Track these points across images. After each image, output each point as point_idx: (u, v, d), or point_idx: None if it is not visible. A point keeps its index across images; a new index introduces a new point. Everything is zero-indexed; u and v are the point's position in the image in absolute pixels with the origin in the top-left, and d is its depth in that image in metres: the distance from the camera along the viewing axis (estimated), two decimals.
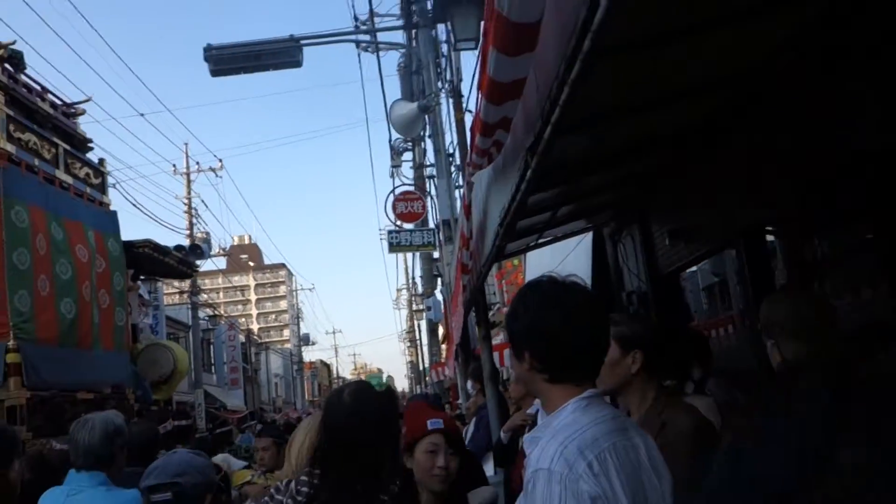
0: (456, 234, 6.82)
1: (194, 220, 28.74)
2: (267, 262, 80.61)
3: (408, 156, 21.56)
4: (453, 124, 10.59)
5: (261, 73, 10.38)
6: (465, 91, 10.04)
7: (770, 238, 4.63)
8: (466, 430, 7.47)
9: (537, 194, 3.63)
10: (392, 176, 21.64)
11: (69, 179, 7.64)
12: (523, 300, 1.61)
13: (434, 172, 11.61)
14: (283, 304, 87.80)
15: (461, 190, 11.04)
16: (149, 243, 8.96)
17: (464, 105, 10.01)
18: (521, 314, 1.58)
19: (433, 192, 11.52)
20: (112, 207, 8.63)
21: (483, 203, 3.84)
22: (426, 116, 10.95)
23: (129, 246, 8.72)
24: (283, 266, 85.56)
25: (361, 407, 2.11)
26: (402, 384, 66.36)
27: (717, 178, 4.48)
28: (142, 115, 20.75)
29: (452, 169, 11.10)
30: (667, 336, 2.72)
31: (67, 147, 7.75)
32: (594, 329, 1.59)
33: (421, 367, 42.77)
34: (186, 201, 29.23)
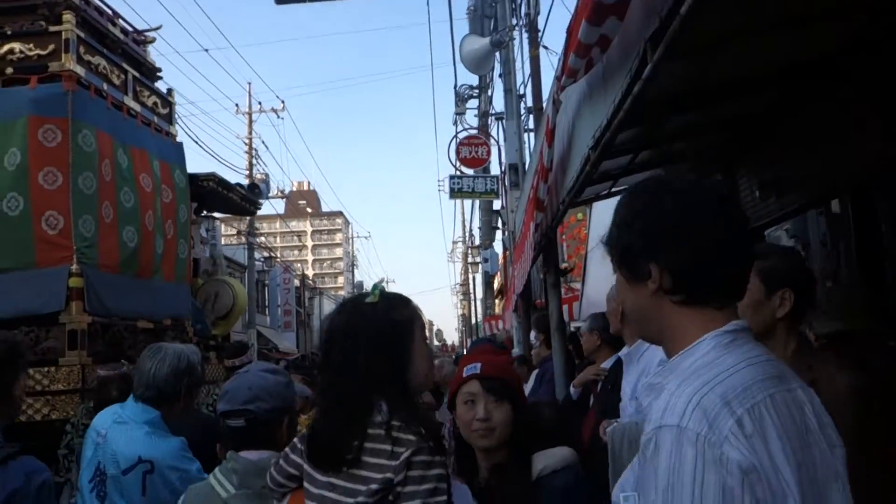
0: (528, 172, 6.51)
1: (254, 161, 29.02)
2: (325, 208, 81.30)
3: (472, 103, 21.22)
4: (526, 62, 10.16)
5: (327, 2, 10.06)
6: (540, 26, 9.44)
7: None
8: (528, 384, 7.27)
9: (624, 131, 3.31)
10: (455, 123, 21.30)
11: (137, 107, 7.53)
12: (644, 197, 1.22)
13: (501, 117, 11.20)
14: (339, 252, 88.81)
15: (530, 134, 10.64)
16: (213, 177, 8.87)
17: (539, 40, 9.58)
18: (646, 213, 1.19)
19: (500, 138, 11.13)
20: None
21: (570, 126, 3.53)
22: (497, 54, 10.53)
23: (194, 179, 8.64)
24: (340, 214, 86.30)
25: (345, 323, 1.67)
26: (451, 337, 66.76)
27: (828, 122, 4.09)
28: (206, 50, 20.80)
29: (522, 110, 10.70)
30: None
31: (136, 74, 7.64)
32: (747, 233, 1.21)
33: (473, 321, 42.81)
34: (247, 141, 29.50)
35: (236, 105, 30.04)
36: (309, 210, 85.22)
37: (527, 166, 10.13)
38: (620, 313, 3.25)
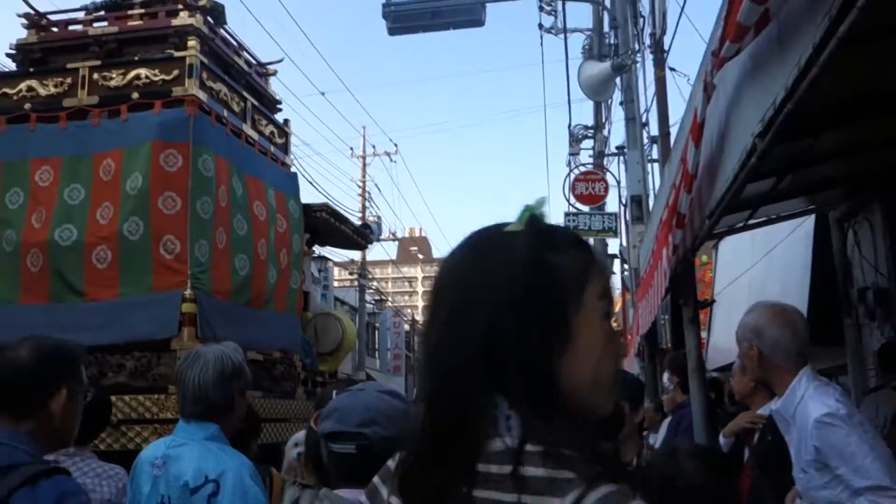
0: (661, 193, 5.98)
1: (367, 204, 29.45)
2: (436, 253, 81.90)
3: (587, 144, 20.71)
4: (650, 87, 9.63)
5: (441, 32, 9.94)
6: (666, 45, 8.87)
7: None
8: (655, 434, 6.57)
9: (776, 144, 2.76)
10: (569, 164, 20.89)
11: (255, 135, 7.53)
12: None
13: (622, 148, 10.66)
14: None
15: (654, 164, 10.04)
16: (326, 208, 8.76)
17: (665, 61, 9.06)
18: None
19: (620, 172, 10.60)
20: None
21: (723, 117, 3.00)
22: (618, 81, 10.05)
23: (307, 209, 8.56)
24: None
25: (464, 268, 1.01)
26: None
27: None
28: (322, 93, 21.29)
29: (645, 139, 10.15)
30: None
31: (255, 103, 7.66)
32: None
33: None
34: (361, 184, 30.03)
35: (351, 148, 30.82)
36: (420, 256, 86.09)
37: (651, 198, 9.54)
38: (757, 356, 2.74)
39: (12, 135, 6.58)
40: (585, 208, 14.11)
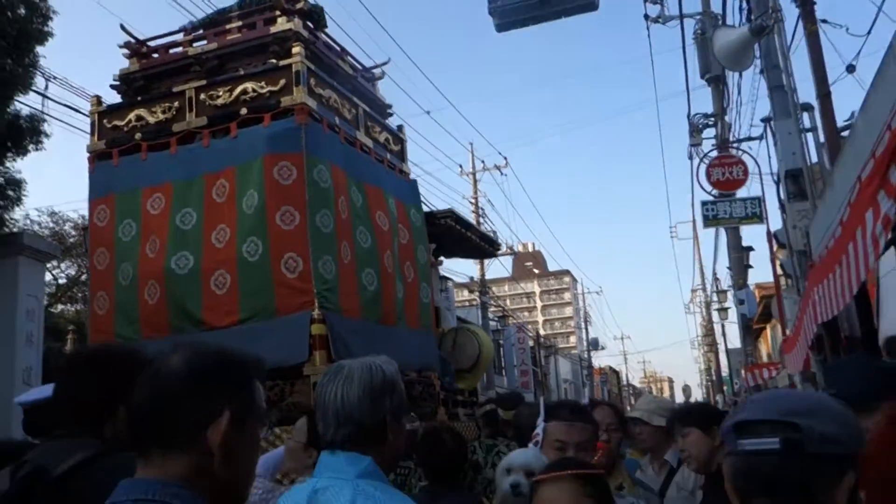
0: (856, 145, 5.13)
1: (481, 220, 28.89)
2: (551, 265, 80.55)
3: (708, 133, 19.51)
4: (794, 48, 8.50)
5: (552, 21, 9.20)
6: None
7: None
8: None
9: None
10: (691, 157, 19.69)
11: (369, 143, 7.04)
12: None
13: (769, 119, 9.51)
14: (569, 311, 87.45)
15: (807, 135, 8.90)
16: (451, 214, 8.17)
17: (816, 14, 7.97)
18: None
19: (771, 146, 9.44)
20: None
21: None
22: (757, 46, 8.96)
23: (430, 217, 7.99)
24: (567, 272, 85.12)
25: None
26: (697, 393, 62.29)
27: None
28: (427, 112, 20.95)
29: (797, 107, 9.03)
30: None
31: (367, 109, 7.18)
32: None
33: (723, 373, 39.25)
34: (473, 201, 29.54)
35: (460, 166, 30.38)
36: (536, 271, 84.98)
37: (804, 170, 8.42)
38: None
39: (125, 166, 6.36)
40: (725, 194, 12.95)
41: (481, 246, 9.28)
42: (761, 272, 35.73)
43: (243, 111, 6.13)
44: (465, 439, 3.65)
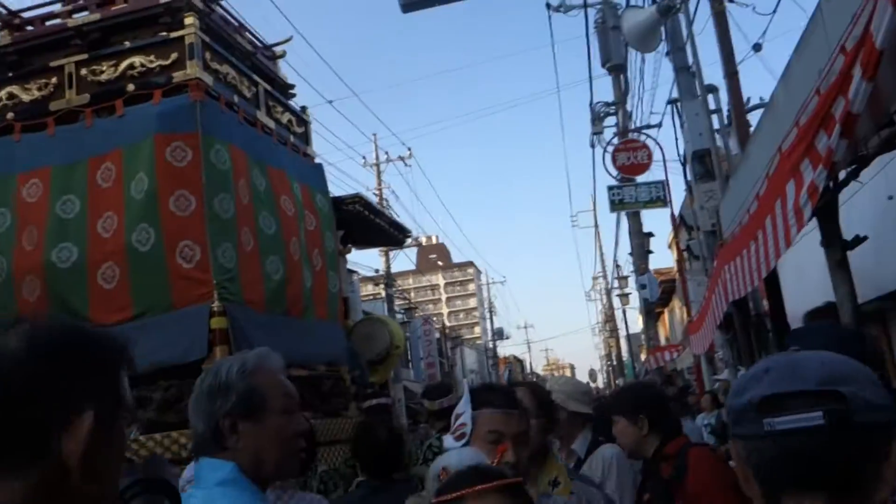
0: (775, 117, 5.13)
1: (386, 213, 28.57)
2: (456, 256, 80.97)
3: (609, 122, 19.88)
4: (701, 29, 8.61)
5: (458, 3, 8.98)
6: None
7: None
8: None
9: None
10: (593, 145, 20.03)
11: (271, 124, 6.62)
12: None
13: (675, 101, 9.61)
14: (473, 302, 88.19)
15: (717, 115, 9.01)
16: (359, 199, 7.81)
17: None
18: None
19: (677, 129, 9.54)
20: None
21: None
22: (663, 30, 9.03)
23: (338, 203, 7.62)
24: (471, 263, 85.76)
25: None
26: (599, 380, 63.90)
27: None
28: (329, 101, 20.34)
29: (698, 90, 9.15)
30: None
31: (268, 88, 6.74)
32: None
33: (623, 357, 40.37)
34: (377, 192, 29.14)
35: (363, 157, 29.92)
36: (440, 263, 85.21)
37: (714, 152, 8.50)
38: None
39: None
40: (628, 179, 13.14)
41: (391, 233, 8.96)
42: (661, 258, 36.88)
43: (130, 87, 5.61)
44: (401, 432, 3.58)
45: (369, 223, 8.26)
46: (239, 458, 1.72)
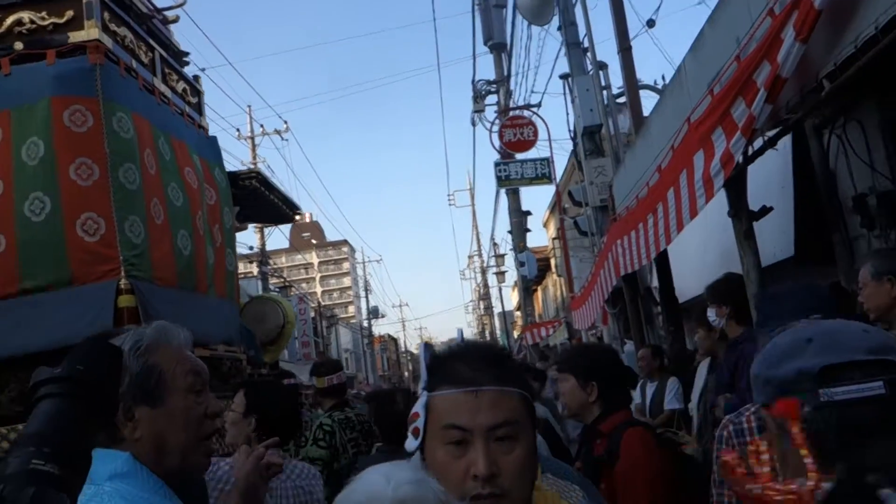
0: (680, 88, 5.31)
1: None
2: (332, 234, 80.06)
3: (490, 100, 20.20)
4: (595, 4, 8.93)
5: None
6: None
7: None
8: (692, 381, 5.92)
9: None
10: (474, 123, 20.35)
11: (168, 92, 6.30)
12: None
13: (567, 76, 9.85)
14: (347, 280, 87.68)
15: (606, 92, 9.30)
16: (256, 174, 7.60)
17: None
18: None
19: (571, 102, 9.79)
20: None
21: None
22: (557, 4, 9.27)
23: (234, 178, 7.38)
24: (346, 242, 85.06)
25: None
26: None
27: None
28: (202, 70, 19.46)
29: (589, 66, 9.43)
30: None
31: (164, 54, 6.41)
32: None
33: (497, 334, 41.25)
34: (252, 166, 28.34)
35: (237, 130, 28.96)
36: (314, 241, 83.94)
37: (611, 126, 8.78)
38: None
39: None
40: (509, 154, 13.41)
41: (283, 209, 8.78)
42: (536, 237, 38.02)
43: (18, 45, 5.18)
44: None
45: (264, 199, 8.05)
46: (137, 449, 1.56)
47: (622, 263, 6.82)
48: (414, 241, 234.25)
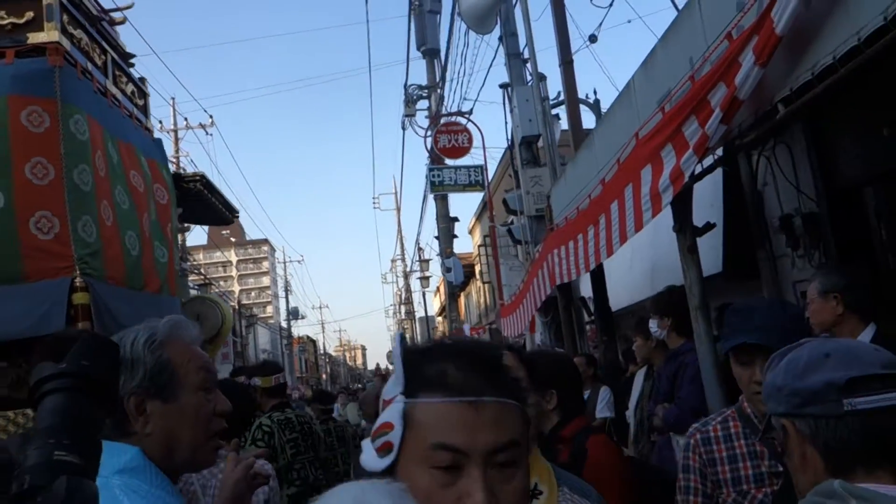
0: (634, 99, 5.38)
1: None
2: (253, 232, 78.73)
3: (422, 105, 20.22)
4: (538, 16, 9.17)
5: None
6: None
7: None
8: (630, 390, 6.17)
9: None
10: (404, 127, 20.46)
11: (118, 94, 6.41)
12: None
13: (507, 86, 10.11)
14: (266, 280, 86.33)
15: (546, 104, 9.50)
16: (201, 177, 7.72)
17: None
18: None
19: (510, 111, 10.03)
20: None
21: None
22: (499, 14, 9.52)
23: (178, 180, 7.50)
24: (266, 241, 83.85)
25: None
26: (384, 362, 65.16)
27: None
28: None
29: (528, 76, 9.71)
30: None
31: (116, 56, 6.51)
32: None
33: (417, 339, 41.53)
34: (174, 161, 27.84)
35: (160, 122, 28.41)
36: (233, 239, 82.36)
37: (550, 137, 8.91)
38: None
39: None
40: (450, 162, 13.66)
41: (222, 212, 8.91)
42: (462, 243, 38.50)
43: None
44: None
45: (206, 202, 8.18)
46: (147, 444, 1.56)
47: (558, 273, 6.57)
48: (337, 243, 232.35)
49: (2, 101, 5.03)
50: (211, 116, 28.60)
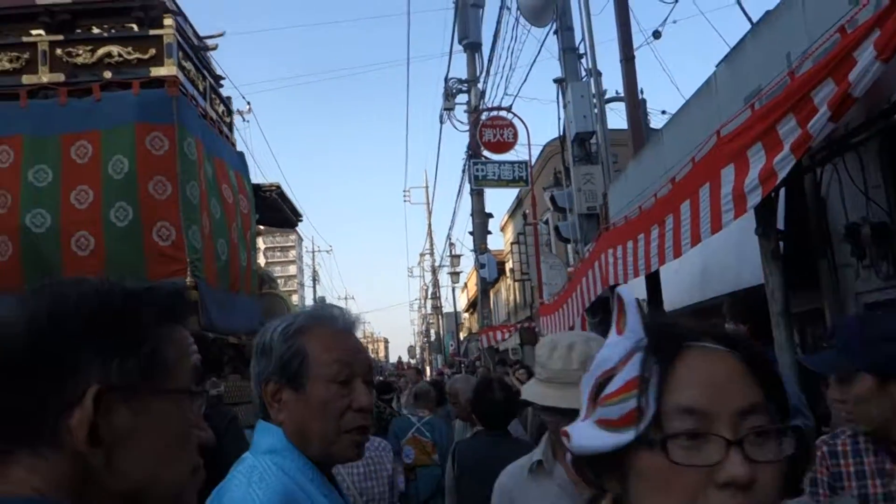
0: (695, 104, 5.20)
1: None
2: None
3: (461, 98, 19.97)
4: (600, 9, 8.90)
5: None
6: None
7: None
8: None
9: None
10: (442, 121, 20.24)
11: (214, 115, 7.31)
12: None
13: (561, 80, 9.72)
14: (293, 269, 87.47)
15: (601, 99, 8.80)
16: (277, 187, 8.61)
17: None
18: None
19: (563, 106, 9.70)
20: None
21: None
22: (556, 5, 9.18)
23: (256, 189, 8.40)
24: (294, 230, 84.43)
25: None
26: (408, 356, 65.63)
27: None
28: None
29: (582, 72, 9.31)
30: None
31: (213, 82, 7.41)
32: None
33: (442, 334, 41.68)
34: None
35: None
36: (261, 227, 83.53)
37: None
38: None
39: None
40: (494, 157, 13.48)
41: (290, 217, 9.81)
42: (495, 240, 38.86)
43: (107, 74, 6.15)
44: (512, 390, 3.90)
45: (277, 208, 9.07)
46: (284, 430, 1.52)
47: (612, 274, 6.09)
48: (366, 234, 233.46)
49: (130, 128, 5.94)
50: (248, 103, 29.28)
